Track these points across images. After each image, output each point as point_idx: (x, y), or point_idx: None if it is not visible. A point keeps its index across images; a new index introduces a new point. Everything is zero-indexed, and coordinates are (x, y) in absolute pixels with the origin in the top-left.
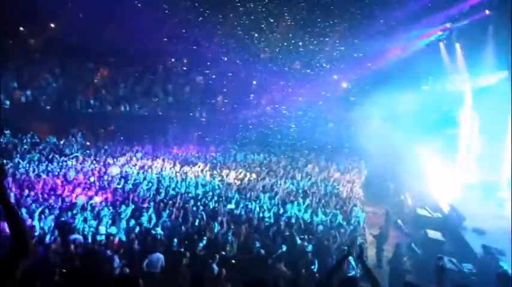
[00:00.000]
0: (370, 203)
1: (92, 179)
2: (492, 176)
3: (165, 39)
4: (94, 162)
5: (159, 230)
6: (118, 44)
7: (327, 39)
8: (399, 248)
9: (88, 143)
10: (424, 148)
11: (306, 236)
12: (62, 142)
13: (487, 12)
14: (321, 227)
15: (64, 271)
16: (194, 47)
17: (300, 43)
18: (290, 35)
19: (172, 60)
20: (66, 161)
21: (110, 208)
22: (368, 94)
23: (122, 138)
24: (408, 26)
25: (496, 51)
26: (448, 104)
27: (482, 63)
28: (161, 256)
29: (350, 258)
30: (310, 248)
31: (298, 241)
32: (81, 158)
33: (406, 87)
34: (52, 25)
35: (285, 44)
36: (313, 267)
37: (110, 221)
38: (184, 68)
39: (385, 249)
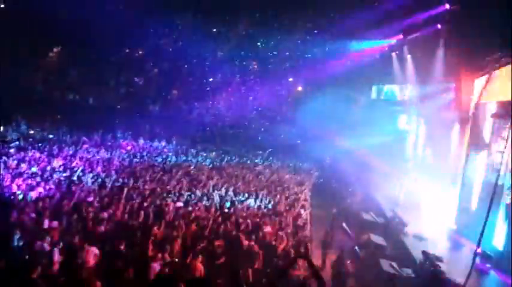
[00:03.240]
0: (317, 205)
1: (34, 169)
2: (435, 183)
3: (122, 27)
4: (37, 152)
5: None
6: (71, 28)
7: (283, 41)
8: (343, 251)
9: (32, 132)
10: (373, 155)
11: (253, 237)
12: (1, 129)
13: (439, 26)
14: (268, 229)
15: None
16: (152, 39)
17: (258, 43)
18: (249, 34)
19: (127, 50)
20: (6, 149)
21: (54, 200)
22: (321, 98)
23: (68, 128)
24: (362, 35)
25: (446, 63)
26: (397, 113)
27: (431, 74)
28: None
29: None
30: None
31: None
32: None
33: (359, 94)
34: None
35: (244, 43)
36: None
37: (51, 215)
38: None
39: (330, 252)
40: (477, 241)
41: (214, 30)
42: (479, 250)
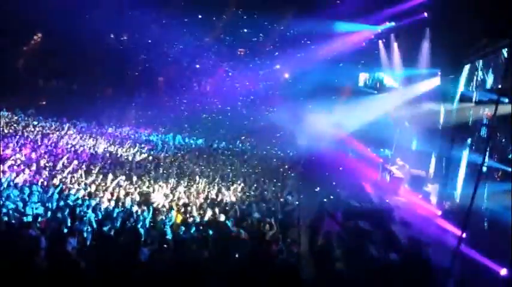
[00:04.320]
0: (304, 192)
1: (18, 155)
2: (420, 170)
3: (107, 14)
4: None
5: (90, 212)
6: (54, 14)
7: (270, 27)
8: (330, 237)
9: (16, 118)
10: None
11: (243, 224)
12: None
13: (425, 14)
14: (257, 215)
15: None
16: (137, 26)
17: (245, 29)
18: (235, 20)
19: (112, 36)
20: None
21: (38, 187)
22: (308, 85)
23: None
24: (349, 21)
25: (431, 51)
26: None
27: (418, 61)
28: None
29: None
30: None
31: (233, 229)
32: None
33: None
34: None
35: (230, 29)
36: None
37: (37, 201)
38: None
39: (317, 238)
40: (461, 226)
41: (200, 16)
42: (464, 235)
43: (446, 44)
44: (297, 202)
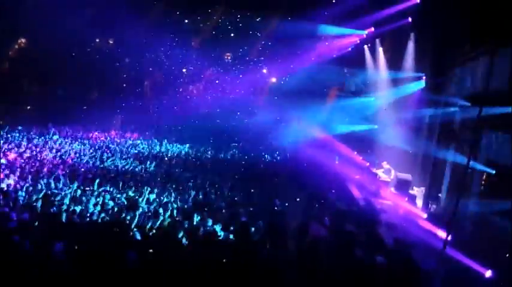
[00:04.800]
0: (291, 196)
1: (2, 160)
2: (406, 173)
3: (91, 18)
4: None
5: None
6: (38, 19)
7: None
8: (317, 240)
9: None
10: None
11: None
12: None
13: (410, 19)
14: (244, 219)
15: None
16: (122, 30)
17: (232, 34)
18: (222, 25)
19: (97, 40)
20: None
21: (23, 193)
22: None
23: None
24: (335, 25)
25: (416, 55)
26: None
27: (402, 66)
28: None
29: None
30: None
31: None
32: None
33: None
34: None
35: (217, 33)
36: None
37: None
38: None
39: (304, 241)
40: (447, 229)
41: (186, 21)
42: (449, 238)
43: (431, 48)
44: (286, 204)
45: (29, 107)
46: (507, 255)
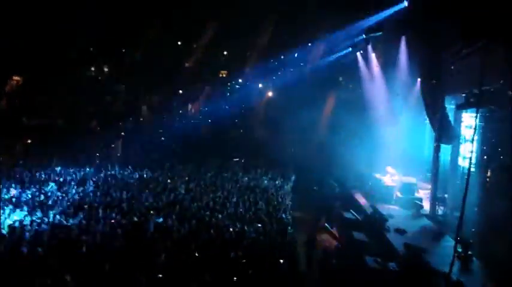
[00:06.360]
0: (298, 208)
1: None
2: (410, 177)
3: (87, 45)
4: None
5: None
6: (33, 48)
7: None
8: (327, 250)
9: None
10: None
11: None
12: None
13: (402, 24)
14: (253, 236)
15: None
16: (118, 54)
17: (225, 52)
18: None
19: (93, 69)
20: None
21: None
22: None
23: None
24: (328, 34)
25: (408, 60)
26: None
27: (396, 71)
28: None
29: None
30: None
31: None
32: None
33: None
34: None
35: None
36: None
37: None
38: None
39: (314, 252)
40: (456, 229)
41: (179, 43)
42: (459, 238)
43: (424, 50)
44: (289, 218)
45: (29, 141)
46: None
